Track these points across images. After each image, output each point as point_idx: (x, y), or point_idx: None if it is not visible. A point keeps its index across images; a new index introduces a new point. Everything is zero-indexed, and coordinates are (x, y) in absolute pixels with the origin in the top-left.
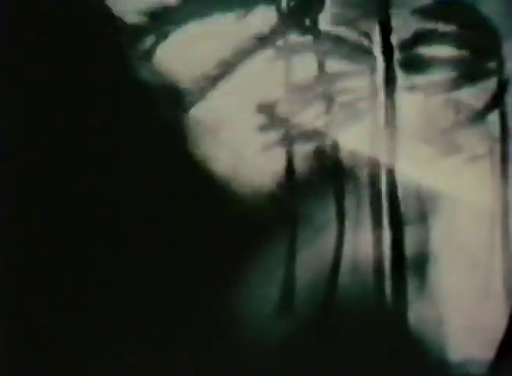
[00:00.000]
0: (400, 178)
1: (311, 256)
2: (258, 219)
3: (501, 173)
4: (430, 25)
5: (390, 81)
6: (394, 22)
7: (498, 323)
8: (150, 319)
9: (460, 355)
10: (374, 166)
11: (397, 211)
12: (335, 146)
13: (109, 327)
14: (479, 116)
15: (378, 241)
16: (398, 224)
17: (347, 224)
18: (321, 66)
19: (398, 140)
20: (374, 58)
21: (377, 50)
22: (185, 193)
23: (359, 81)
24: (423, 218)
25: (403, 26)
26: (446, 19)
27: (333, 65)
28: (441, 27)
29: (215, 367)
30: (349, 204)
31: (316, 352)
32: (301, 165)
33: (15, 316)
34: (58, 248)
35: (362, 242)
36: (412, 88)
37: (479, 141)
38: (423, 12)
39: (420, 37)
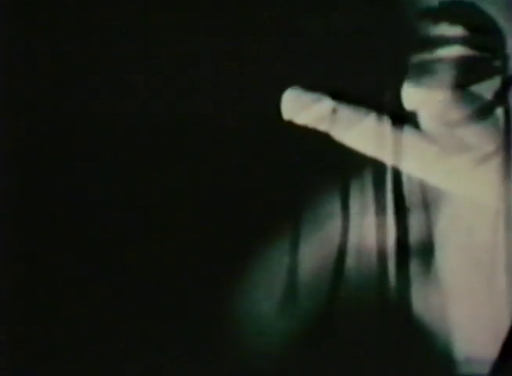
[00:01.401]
0: (405, 175)
1: (315, 247)
2: (260, 211)
3: (505, 170)
4: (436, 24)
5: (396, 80)
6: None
7: (501, 322)
8: (150, 319)
9: (463, 354)
10: (379, 161)
11: (402, 199)
12: (340, 142)
13: (109, 327)
14: (484, 113)
15: (382, 232)
16: (402, 212)
17: (352, 214)
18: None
19: (404, 137)
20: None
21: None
22: (185, 189)
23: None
24: (427, 208)
25: (410, 25)
26: (451, 20)
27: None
28: (446, 27)
29: (216, 366)
30: (353, 193)
31: (319, 343)
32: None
33: (15, 316)
34: (58, 247)
35: (367, 233)
36: (418, 87)
37: (484, 139)
38: (428, 13)
39: (427, 37)
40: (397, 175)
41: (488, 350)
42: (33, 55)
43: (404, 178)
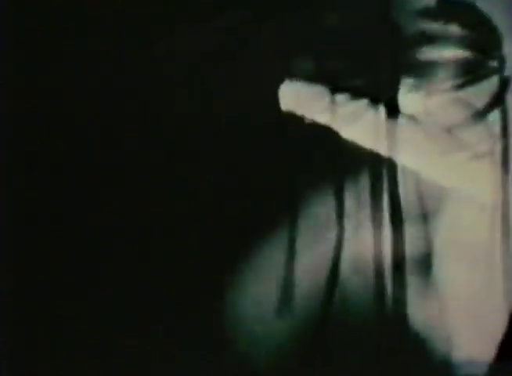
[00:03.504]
0: (401, 176)
1: (311, 256)
2: (257, 218)
3: (502, 171)
4: (432, 25)
5: (393, 79)
6: (398, 21)
7: (499, 324)
8: (150, 320)
9: (461, 355)
10: (375, 163)
11: (398, 209)
12: (336, 143)
13: (109, 327)
14: (481, 114)
15: (379, 240)
16: (399, 222)
17: (348, 222)
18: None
19: (400, 138)
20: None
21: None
22: (183, 188)
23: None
24: (424, 215)
25: (406, 25)
26: (448, 19)
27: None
28: (444, 26)
29: (215, 366)
30: (349, 202)
31: (315, 353)
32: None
33: (15, 316)
34: (58, 248)
35: (363, 241)
36: (415, 87)
37: (481, 139)
38: (425, 12)
39: (423, 37)
40: (393, 180)
41: (486, 352)
42: (33, 55)
43: (401, 186)
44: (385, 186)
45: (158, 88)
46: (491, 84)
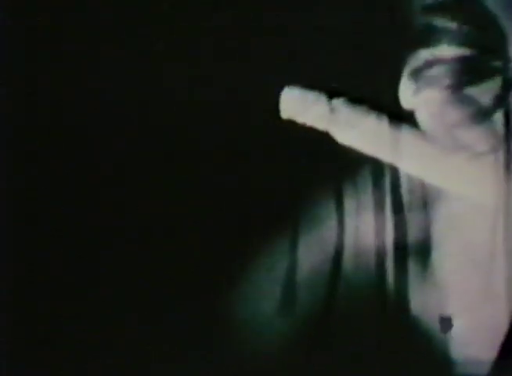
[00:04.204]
0: (404, 174)
1: (314, 247)
2: (258, 218)
3: (505, 171)
4: (436, 23)
5: (394, 79)
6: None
7: (500, 323)
8: (150, 320)
9: (461, 354)
10: (377, 160)
11: (400, 202)
12: (337, 142)
13: (109, 327)
14: (484, 114)
15: (380, 231)
16: (400, 214)
17: (347, 215)
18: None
19: (402, 136)
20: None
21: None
22: (185, 190)
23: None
24: (426, 207)
25: (408, 23)
26: (452, 17)
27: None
28: (447, 24)
29: (216, 366)
30: (350, 194)
31: (318, 343)
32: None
33: (15, 316)
34: (58, 248)
35: (364, 232)
36: (416, 87)
37: (484, 139)
38: (428, 10)
39: (426, 35)
40: (395, 174)
41: (486, 350)
42: (33, 55)
43: (403, 178)
44: (387, 175)
45: (158, 87)
46: (494, 85)
